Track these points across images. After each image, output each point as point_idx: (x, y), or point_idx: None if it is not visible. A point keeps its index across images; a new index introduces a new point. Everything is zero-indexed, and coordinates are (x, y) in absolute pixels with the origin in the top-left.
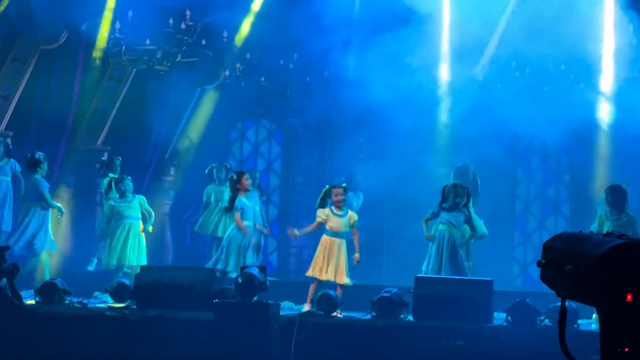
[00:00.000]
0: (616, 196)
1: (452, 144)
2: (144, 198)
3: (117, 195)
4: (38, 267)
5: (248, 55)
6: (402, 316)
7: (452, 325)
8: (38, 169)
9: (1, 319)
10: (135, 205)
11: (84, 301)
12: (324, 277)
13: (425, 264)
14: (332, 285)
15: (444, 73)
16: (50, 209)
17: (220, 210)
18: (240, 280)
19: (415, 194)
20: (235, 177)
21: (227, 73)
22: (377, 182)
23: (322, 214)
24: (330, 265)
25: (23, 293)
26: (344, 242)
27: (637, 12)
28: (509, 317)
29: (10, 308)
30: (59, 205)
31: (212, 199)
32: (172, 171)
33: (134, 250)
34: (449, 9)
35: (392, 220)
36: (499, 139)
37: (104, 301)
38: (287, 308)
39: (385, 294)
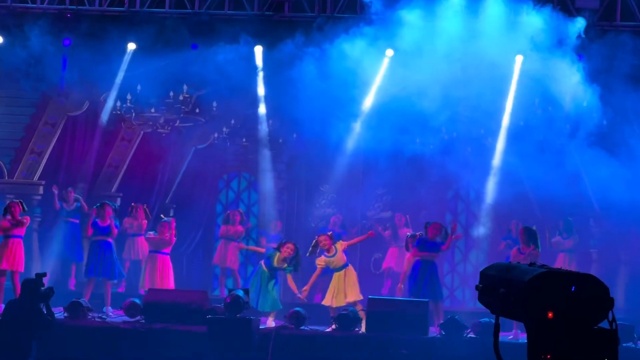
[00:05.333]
0: (527, 235)
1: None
2: None
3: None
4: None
5: (232, 121)
6: (356, 329)
7: (396, 337)
8: None
9: (38, 332)
10: None
11: (103, 316)
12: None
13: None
14: (300, 304)
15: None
16: None
17: None
18: (228, 300)
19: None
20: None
21: (215, 135)
22: None
23: (320, 261)
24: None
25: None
26: (344, 270)
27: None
28: (442, 331)
29: (46, 323)
30: None
31: None
32: (171, 213)
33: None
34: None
35: None
36: (433, 190)
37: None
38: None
39: (343, 312)
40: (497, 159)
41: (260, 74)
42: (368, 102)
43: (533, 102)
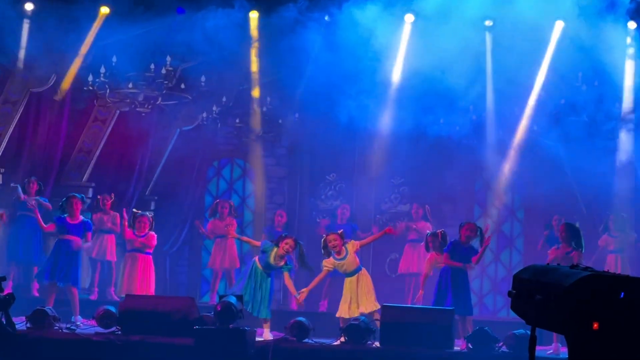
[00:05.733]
0: (568, 232)
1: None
2: None
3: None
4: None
5: (224, 99)
6: (369, 342)
7: (416, 351)
8: None
9: None
10: None
11: (72, 327)
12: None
13: None
14: (304, 313)
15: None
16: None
17: None
18: (218, 308)
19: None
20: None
21: (204, 115)
22: None
23: (327, 264)
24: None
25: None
26: (357, 275)
27: None
28: (470, 344)
29: (5, 335)
30: None
31: None
32: (152, 206)
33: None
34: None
35: None
36: (460, 179)
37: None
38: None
39: (354, 322)
40: (528, 141)
41: (256, 45)
42: (383, 76)
43: (576, 76)
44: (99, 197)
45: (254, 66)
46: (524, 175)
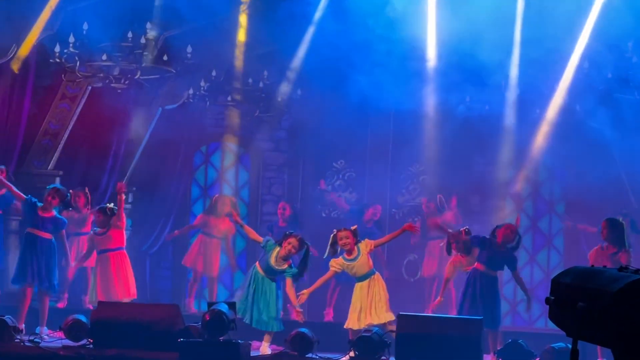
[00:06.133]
0: (612, 230)
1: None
2: None
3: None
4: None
5: (214, 73)
6: (383, 357)
7: None
8: None
9: None
10: None
11: (36, 340)
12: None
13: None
14: (307, 323)
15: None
16: None
17: None
18: (207, 317)
19: None
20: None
21: (190, 92)
22: None
23: (335, 264)
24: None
25: None
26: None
27: None
28: (501, 359)
29: None
30: None
31: None
32: (130, 198)
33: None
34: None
35: None
36: (490, 167)
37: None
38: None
39: (365, 334)
40: (569, 123)
41: (244, 10)
42: (401, 47)
43: (626, 45)
44: (70, 191)
45: (241, 35)
46: (565, 163)
